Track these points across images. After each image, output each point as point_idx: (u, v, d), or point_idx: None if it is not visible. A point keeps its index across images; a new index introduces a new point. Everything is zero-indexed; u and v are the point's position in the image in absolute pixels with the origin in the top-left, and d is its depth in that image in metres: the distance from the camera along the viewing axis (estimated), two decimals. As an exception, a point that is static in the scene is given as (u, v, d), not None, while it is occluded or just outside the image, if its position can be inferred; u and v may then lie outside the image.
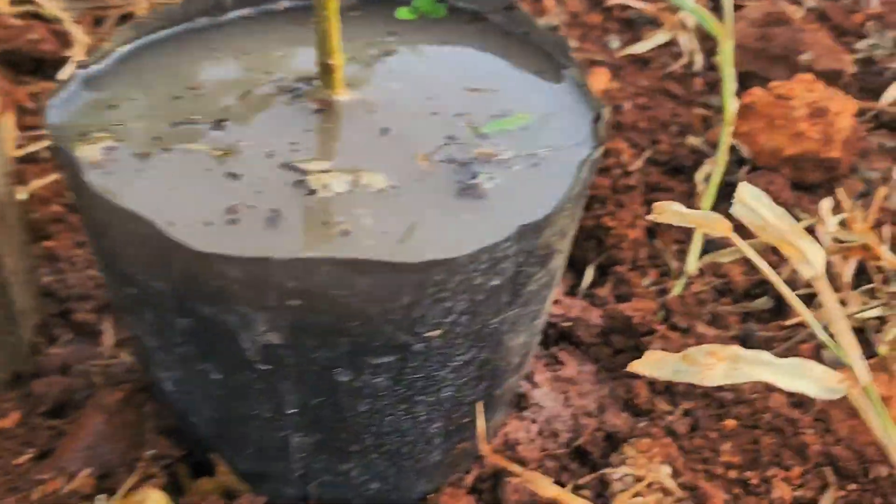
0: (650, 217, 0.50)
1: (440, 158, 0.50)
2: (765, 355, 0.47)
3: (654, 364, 0.49)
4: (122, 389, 0.59)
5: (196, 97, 0.53)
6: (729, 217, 0.49)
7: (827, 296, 0.47)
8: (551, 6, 1.08)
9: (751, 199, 0.49)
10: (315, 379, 0.46)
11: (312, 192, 0.46)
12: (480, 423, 0.53)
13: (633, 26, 1.08)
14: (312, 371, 0.46)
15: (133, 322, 0.50)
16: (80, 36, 0.95)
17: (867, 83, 0.98)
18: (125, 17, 1.02)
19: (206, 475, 0.55)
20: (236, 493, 0.54)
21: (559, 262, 0.51)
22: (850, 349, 0.47)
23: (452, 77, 0.58)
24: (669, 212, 0.50)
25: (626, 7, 1.09)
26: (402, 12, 0.62)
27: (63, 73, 0.90)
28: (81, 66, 0.53)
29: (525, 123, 0.53)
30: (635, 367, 0.49)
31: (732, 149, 0.87)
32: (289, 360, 0.45)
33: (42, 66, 0.93)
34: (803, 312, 0.48)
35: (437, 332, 0.45)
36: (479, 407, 0.52)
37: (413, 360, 0.46)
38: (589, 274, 0.77)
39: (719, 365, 0.47)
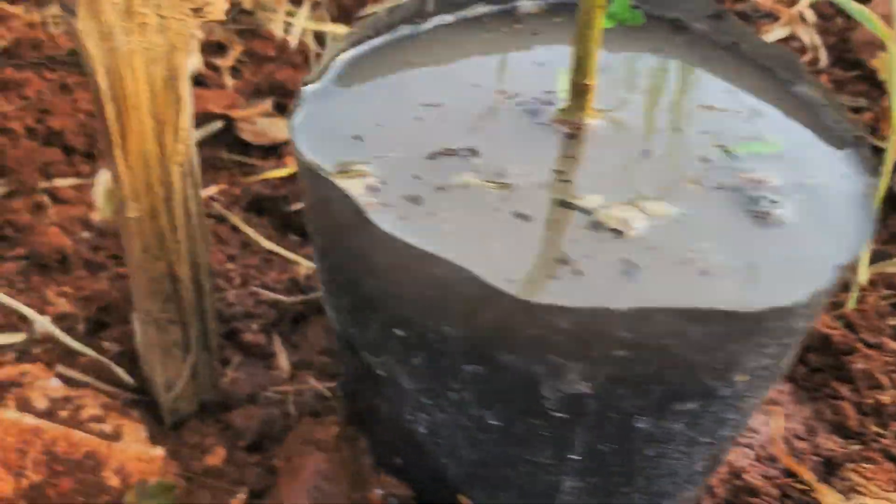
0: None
1: (709, 184, 0.47)
2: None
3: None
4: (334, 423, 0.56)
5: (436, 119, 0.49)
6: None
7: None
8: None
9: None
10: (612, 426, 0.43)
11: (618, 232, 0.43)
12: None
13: (747, 19, 1.05)
14: (610, 418, 0.43)
15: (384, 363, 0.47)
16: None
17: None
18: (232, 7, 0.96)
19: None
20: (480, 535, 0.51)
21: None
22: None
23: (679, 92, 0.54)
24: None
25: (739, 0, 1.06)
26: (605, 21, 0.58)
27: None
28: (305, 83, 0.49)
29: (778, 150, 0.50)
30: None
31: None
32: (590, 409, 0.42)
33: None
34: None
35: (745, 377, 0.43)
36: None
37: (714, 404, 0.43)
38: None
39: None
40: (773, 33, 1.02)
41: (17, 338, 0.60)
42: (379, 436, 0.55)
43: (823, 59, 0.99)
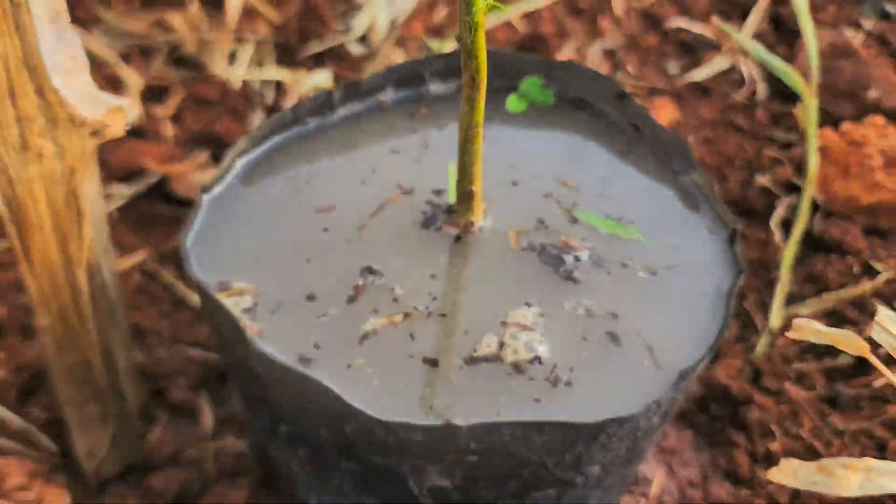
0: (789, 335, 0.51)
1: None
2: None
3: (790, 474, 0.50)
4: (245, 486, 0.60)
5: (330, 227, 0.51)
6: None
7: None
8: (607, 28, 1.07)
9: (890, 324, 0.50)
10: (475, 513, 0.47)
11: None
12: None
13: (692, 50, 1.07)
14: (474, 505, 0.47)
15: (277, 449, 0.51)
16: (131, 79, 0.92)
17: (928, 112, 0.98)
18: (174, 50, 0.99)
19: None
20: None
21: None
22: None
23: (584, 189, 0.56)
24: (809, 329, 0.50)
25: (682, 29, 1.07)
26: (513, 102, 0.61)
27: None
28: (204, 190, 0.52)
29: (638, 240, 0.53)
30: (772, 476, 0.50)
31: (797, 188, 0.87)
32: (454, 498, 0.46)
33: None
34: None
35: (597, 468, 0.46)
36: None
37: (570, 491, 0.47)
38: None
39: (854, 476, 0.49)
40: (715, 64, 1.04)
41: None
42: (285, 496, 0.59)
43: (762, 92, 1.01)
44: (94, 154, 0.47)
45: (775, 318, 0.78)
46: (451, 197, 0.53)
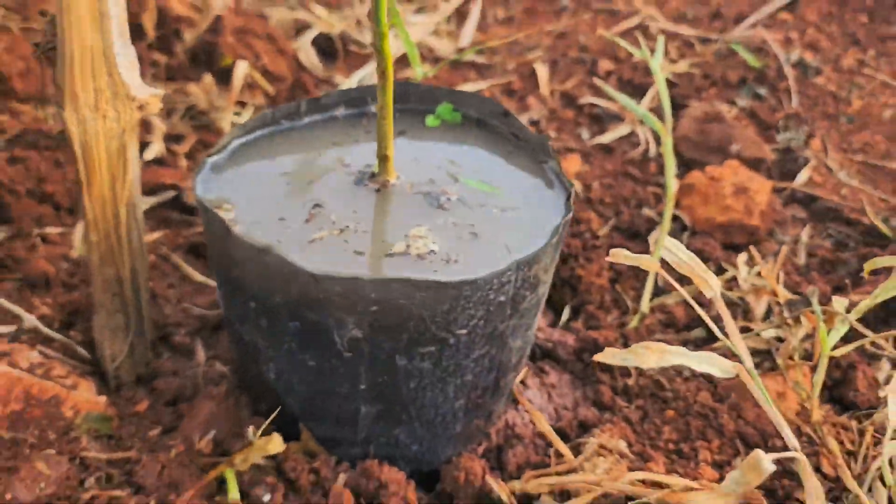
0: (609, 259, 0.73)
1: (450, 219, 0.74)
2: (683, 349, 0.70)
3: (610, 355, 0.71)
4: (224, 386, 0.81)
5: (291, 181, 0.76)
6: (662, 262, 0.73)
7: (722, 309, 0.71)
8: (534, 104, 1.35)
9: (673, 247, 0.73)
10: (381, 363, 0.68)
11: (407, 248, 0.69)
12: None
13: (600, 121, 1.34)
14: (380, 357, 0.68)
15: (247, 329, 0.72)
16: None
17: (785, 168, 1.24)
18: (191, 108, 1.26)
19: (293, 441, 0.76)
20: (316, 454, 0.75)
21: (544, 290, 0.75)
22: (739, 344, 0.70)
23: (467, 168, 0.81)
24: (621, 255, 0.73)
25: (594, 105, 1.35)
26: (430, 120, 0.87)
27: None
28: (209, 155, 0.77)
29: (495, 192, 0.77)
30: (598, 357, 0.71)
31: (677, 218, 1.12)
32: (365, 349, 0.68)
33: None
34: (708, 321, 0.71)
35: (464, 331, 0.68)
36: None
37: (447, 350, 0.69)
38: (566, 312, 1.01)
39: (653, 355, 0.70)
40: (618, 130, 1.31)
41: (10, 328, 0.85)
42: (252, 391, 0.80)
43: (653, 150, 1.28)
44: (137, 124, 0.72)
45: (644, 304, 1.00)
46: (377, 168, 0.77)
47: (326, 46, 1.47)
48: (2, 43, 1.15)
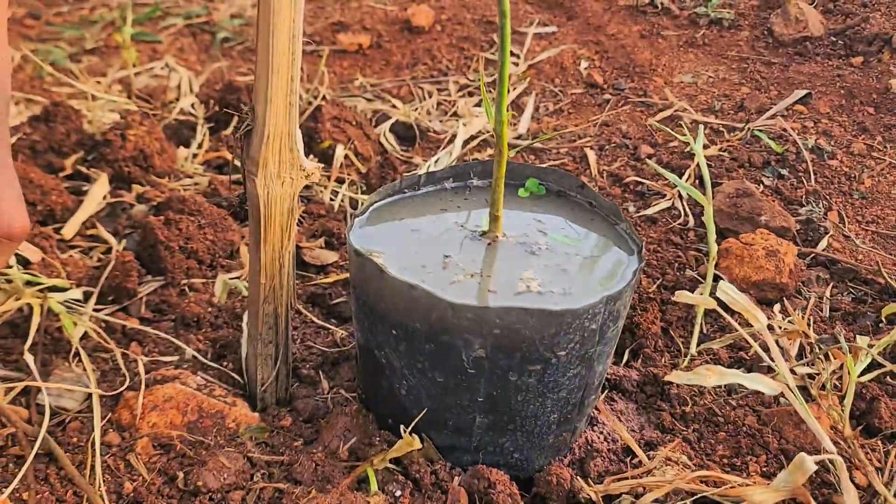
0: (674, 299, 0.91)
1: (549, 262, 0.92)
2: (737, 371, 0.87)
3: (679, 376, 0.88)
4: (354, 405, 0.98)
5: (420, 237, 0.95)
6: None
7: (768, 337, 0.88)
8: (586, 183, 1.55)
9: (727, 289, 0.91)
10: (497, 378, 0.86)
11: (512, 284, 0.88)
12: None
13: (644, 196, 1.54)
14: (496, 373, 0.86)
15: (385, 354, 0.90)
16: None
17: (808, 236, 1.42)
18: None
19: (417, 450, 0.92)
20: (435, 460, 0.92)
21: (621, 324, 0.93)
22: (783, 368, 0.87)
23: (553, 227, 1.00)
24: (684, 295, 0.92)
25: (638, 183, 1.56)
26: (522, 192, 1.07)
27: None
28: (355, 216, 0.97)
29: (576, 244, 0.96)
30: (669, 378, 0.89)
31: (716, 278, 1.30)
32: (485, 366, 0.85)
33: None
34: (757, 349, 0.88)
35: (564, 353, 0.86)
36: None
37: (549, 368, 0.86)
38: (626, 354, 1.18)
39: (713, 376, 0.87)
40: (660, 205, 1.51)
41: (174, 358, 1.04)
42: (381, 408, 0.97)
43: (691, 221, 1.47)
44: (300, 189, 0.92)
45: (693, 347, 1.17)
46: (486, 226, 0.97)
47: (402, 132, 1.70)
48: (144, 128, 1.37)
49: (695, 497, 0.87)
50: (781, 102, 1.73)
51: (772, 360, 0.88)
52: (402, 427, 0.89)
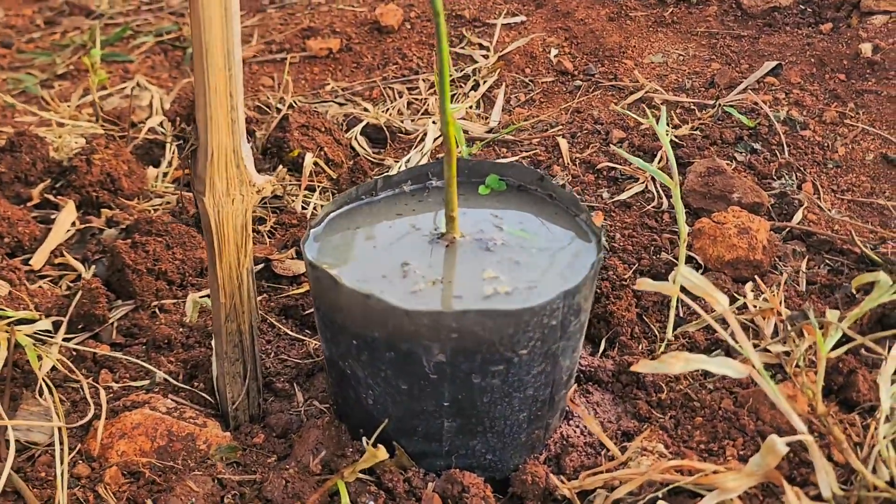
0: (635, 287, 0.91)
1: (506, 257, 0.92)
2: (703, 356, 0.86)
3: (644, 365, 0.87)
4: (326, 418, 0.98)
5: (376, 244, 0.95)
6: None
7: (731, 319, 0.87)
8: (559, 172, 1.54)
9: (688, 274, 0.90)
10: (460, 382, 0.85)
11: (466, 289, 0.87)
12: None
13: (617, 182, 1.53)
14: (459, 377, 0.85)
15: (349, 364, 0.90)
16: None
17: (783, 210, 1.41)
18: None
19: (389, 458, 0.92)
20: (408, 467, 0.91)
21: (584, 318, 0.92)
22: (748, 348, 0.87)
23: (512, 223, 1.00)
24: (646, 283, 0.91)
25: (611, 168, 1.54)
26: (483, 189, 1.06)
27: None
28: (310, 227, 0.96)
29: (531, 237, 0.95)
30: (635, 368, 0.88)
31: (691, 259, 1.29)
32: (447, 371, 0.85)
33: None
34: (722, 333, 0.88)
35: (525, 351, 0.85)
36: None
37: (512, 368, 0.86)
38: (602, 344, 1.17)
39: (678, 362, 0.86)
40: (634, 189, 1.50)
41: (145, 382, 1.03)
42: (351, 419, 0.96)
43: (665, 204, 1.46)
44: (253, 205, 0.92)
45: (669, 332, 1.16)
46: (443, 228, 0.96)
47: (374, 134, 1.69)
48: (110, 151, 1.37)
49: (668, 487, 0.86)
50: (752, 76, 1.72)
51: (736, 342, 0.87)
52: (364, 439, 0.88)
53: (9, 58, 2.24)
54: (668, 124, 1.60)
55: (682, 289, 0.92)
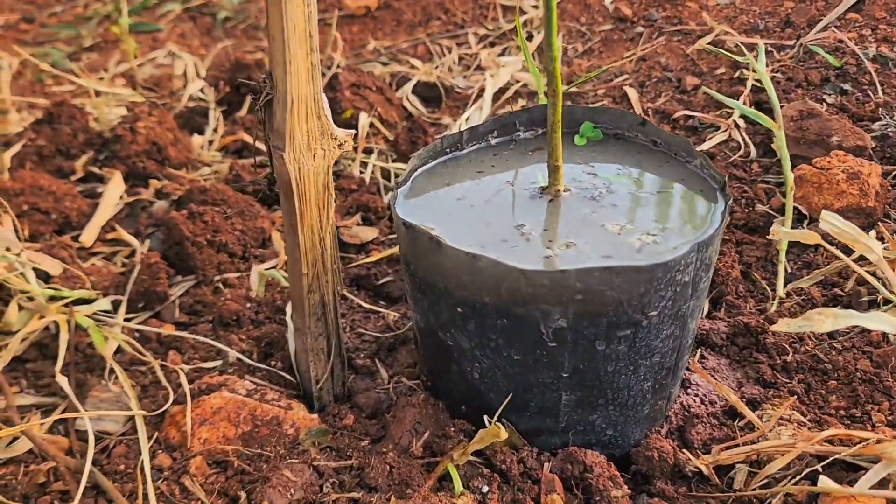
0: (770, 236, 0.80)
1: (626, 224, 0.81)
2: (854, 312, 0.76)
3: (786, 324, 0.77)
4: (421, 395, 0.89)
5: (468, 201, 0.85)
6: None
7: (885, 268, 0.77)
8: (632, 123, 1.43)
9: (831, 219, 0.79)
10: (582, 349, 0.75)
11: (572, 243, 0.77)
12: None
13: (696, 131, 1.42)
14: (581, 344, 0.75)
15: (451, 335, 0.80)
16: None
17: (886, 153, 1.29)
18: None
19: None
20: (519, 446, 0.82)
21: (711, 273, 0.82)
22: (908, 302, 0.76)
23: (618, 174, 0.89)
24: (780, 231, 0.80)
25: (689, 117, 1.43)
26: (578, 140, 0.95)
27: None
28: (398, 184, 0.86)
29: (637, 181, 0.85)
30: (777, 327, 0.77)
31: (793, 209, 1.18)
32: (568, 337, 0.75)
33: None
34: (874, 282, 0.77)
35: (655, 313, 0.75)
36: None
37: (640, 332, 0.76)
38: (706, 305, 1.07)
39: (827, 319, 0.76)
40: (716, 138, 1.38)
41: (217, 363, 0.95)
42: (451, 396, 0.87)
43: (753, 152, 1.35)
44: (333, 161, 0.82)
45: (780, 289, 1.06)
46: (542, 182, 0.86)
47: (425, 93, 1.58)
48: (154, 118, 1.27)
49: (825, 462, 0.76)
50: (832, 13, 1.59)
51: (893, 293, 0.77)
52: (485, 417, 0.79)
53: (32, 33, 2.14)
54: (748, 68, 1.48)
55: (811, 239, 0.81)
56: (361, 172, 1.34)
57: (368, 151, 1.38)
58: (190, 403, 0.83)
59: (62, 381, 0.85)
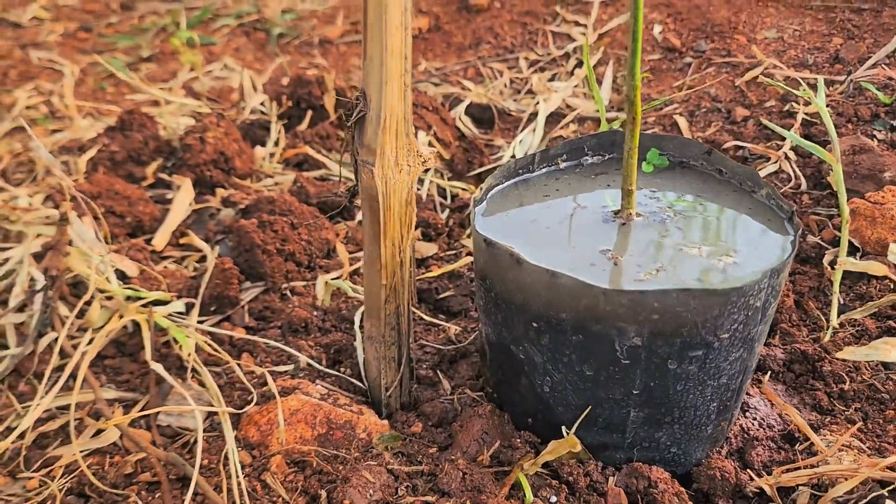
0: (838, 267, 0.83)
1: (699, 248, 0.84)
2: (921, 342, 0.78)
3: (851, 352, 0.80)
4: (487, 406, 0.91)
5: (540, 221, 0.88)
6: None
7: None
8: (683, 151, 1.46)
9: (897, 252, 0.82)
10: (654, 368, 0.78)
11: (652, 266, 0.80)
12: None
13: (746, 161, 1.45)
14: (654, 362, 0.78)
15: (524, 349, 0.83)
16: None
17: (933, 191, 1.32)
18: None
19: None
20: (585, 460, 0.85)
21: (779, 300, 0.84)
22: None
23: (687, 201, 0.92)
24: (848, 262, 0.83)
25: (739, 147, 1.46)
26: (646, 167, 0.98)
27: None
28: (475, 203, 0.89)
29: (701, 208, 0.88)
30: (841, 355, 0.80)
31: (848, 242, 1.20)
32: (641, 355, 0.77)
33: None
34: (940, 316, 0.79)
35: (727, 335, 0.78)
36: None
37: (711, 353, 0.78)
38: (759, 331, 1.09)
39: (893, 350, 0.79)
40: (766, 169, 1.41)
41: (288, 367, 0.98)
42: (518, 408, 0.89)
43: (804, 183, 1.37)
44: (416, 178, 0.85)
45: (833, 319, 1.08)
46: (613, 207, 0.89)
47: (478, 114, 1.62)
48: (221, 129, 1.32)
49: (890, 487, 0.78)
50: (881, 50, 1.61)
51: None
52: (562, 428, 0.81)
53: (91, 42, 2.21)
54: (798, 101, 1.51)
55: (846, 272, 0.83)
56: (418, 189, 1.38)
57: (425, 170, 1.41)
58: (258, 405, 0.86)
59: (157, 366, 0.88)
